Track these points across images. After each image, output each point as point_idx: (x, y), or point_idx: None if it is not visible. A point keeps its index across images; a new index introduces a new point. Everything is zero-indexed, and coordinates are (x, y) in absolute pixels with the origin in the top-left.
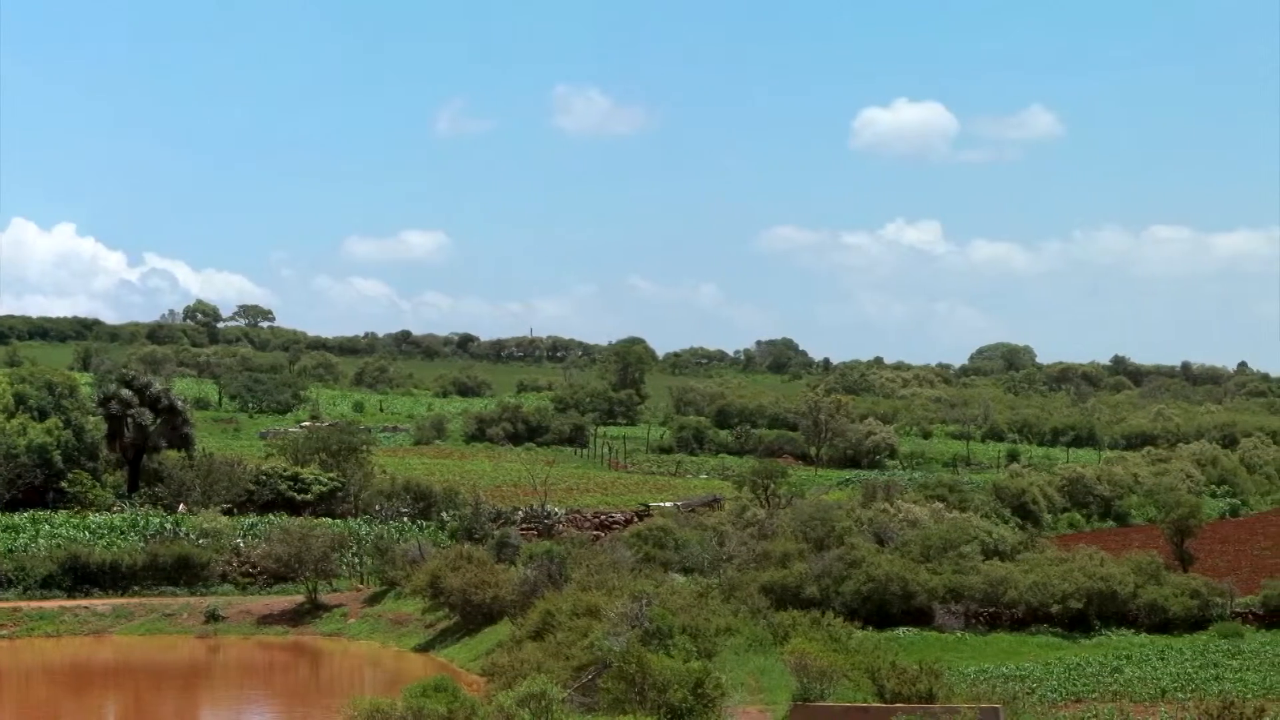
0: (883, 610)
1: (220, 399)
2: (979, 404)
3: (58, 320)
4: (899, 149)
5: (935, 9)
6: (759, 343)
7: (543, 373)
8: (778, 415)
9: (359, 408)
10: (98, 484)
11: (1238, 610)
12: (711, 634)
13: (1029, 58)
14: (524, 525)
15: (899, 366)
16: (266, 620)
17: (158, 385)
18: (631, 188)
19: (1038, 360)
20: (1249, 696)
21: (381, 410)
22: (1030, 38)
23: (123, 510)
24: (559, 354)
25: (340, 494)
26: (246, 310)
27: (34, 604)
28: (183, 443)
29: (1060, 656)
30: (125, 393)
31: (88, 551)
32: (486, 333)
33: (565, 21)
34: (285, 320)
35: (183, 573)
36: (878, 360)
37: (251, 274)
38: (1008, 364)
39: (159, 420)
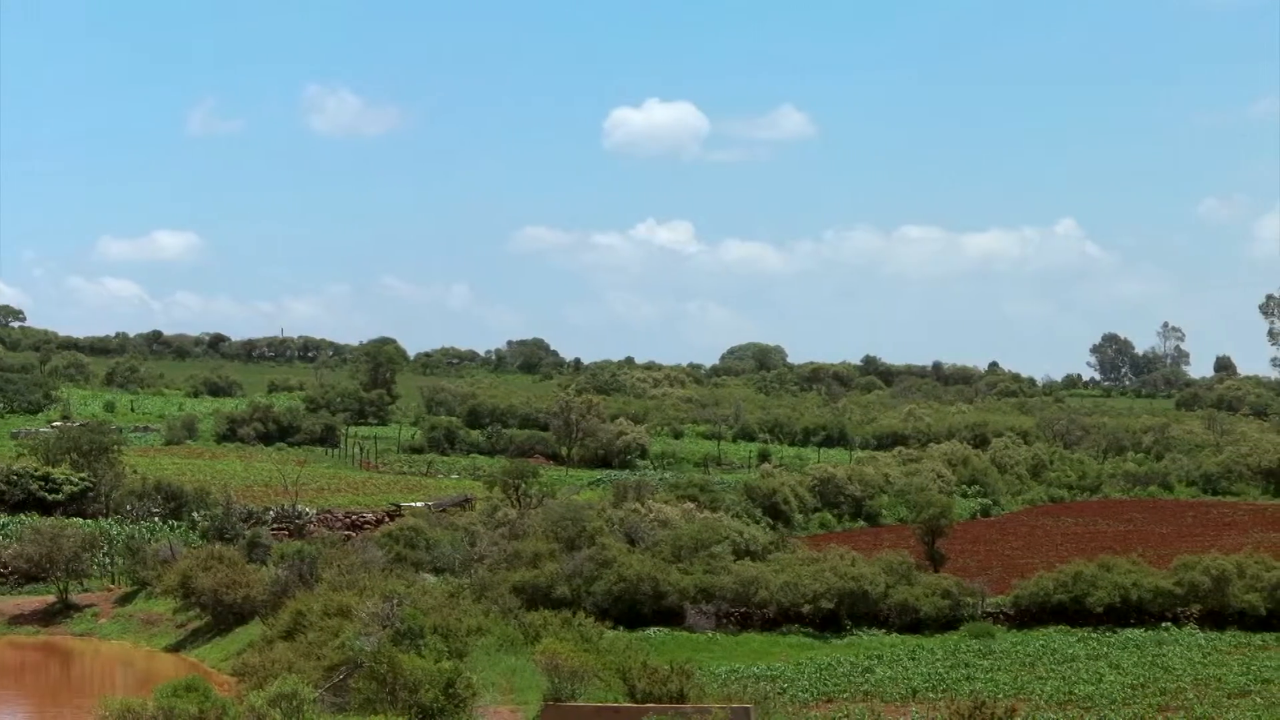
0: (634, 610)
1: None
2: (730, 404)
3: None
4: (650, 149)
5: (685, 8)
6: (510, 343)
7: (294, 372)
8: (529, 415)
9: (110, 408)
10: None
11: (989, 610)
12: (463, 634)
13: (779, 58)
14: (275, 525)
15: (650, 366)
16: (17, 620)
17: None
18: (384, 188)
19: (789, 360)
20: (1000, 696)
21: (133, 410)
22: (780, 38)
23: None
24: (310, 354)
25: (91, 494)
26: None
27: None
28: None
29: (811, 656)
30: None
31: None
32: (238, 333)
33: (315, 21)
34: (36, 320)
35: None
36: (629, 360)
37: (2, 274)
38: (759, 364)
39: None
